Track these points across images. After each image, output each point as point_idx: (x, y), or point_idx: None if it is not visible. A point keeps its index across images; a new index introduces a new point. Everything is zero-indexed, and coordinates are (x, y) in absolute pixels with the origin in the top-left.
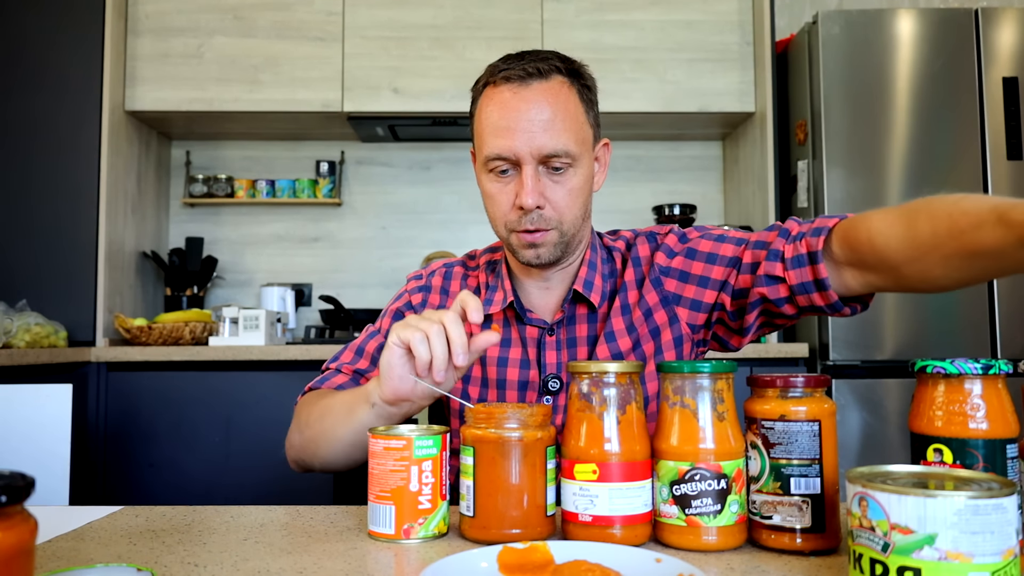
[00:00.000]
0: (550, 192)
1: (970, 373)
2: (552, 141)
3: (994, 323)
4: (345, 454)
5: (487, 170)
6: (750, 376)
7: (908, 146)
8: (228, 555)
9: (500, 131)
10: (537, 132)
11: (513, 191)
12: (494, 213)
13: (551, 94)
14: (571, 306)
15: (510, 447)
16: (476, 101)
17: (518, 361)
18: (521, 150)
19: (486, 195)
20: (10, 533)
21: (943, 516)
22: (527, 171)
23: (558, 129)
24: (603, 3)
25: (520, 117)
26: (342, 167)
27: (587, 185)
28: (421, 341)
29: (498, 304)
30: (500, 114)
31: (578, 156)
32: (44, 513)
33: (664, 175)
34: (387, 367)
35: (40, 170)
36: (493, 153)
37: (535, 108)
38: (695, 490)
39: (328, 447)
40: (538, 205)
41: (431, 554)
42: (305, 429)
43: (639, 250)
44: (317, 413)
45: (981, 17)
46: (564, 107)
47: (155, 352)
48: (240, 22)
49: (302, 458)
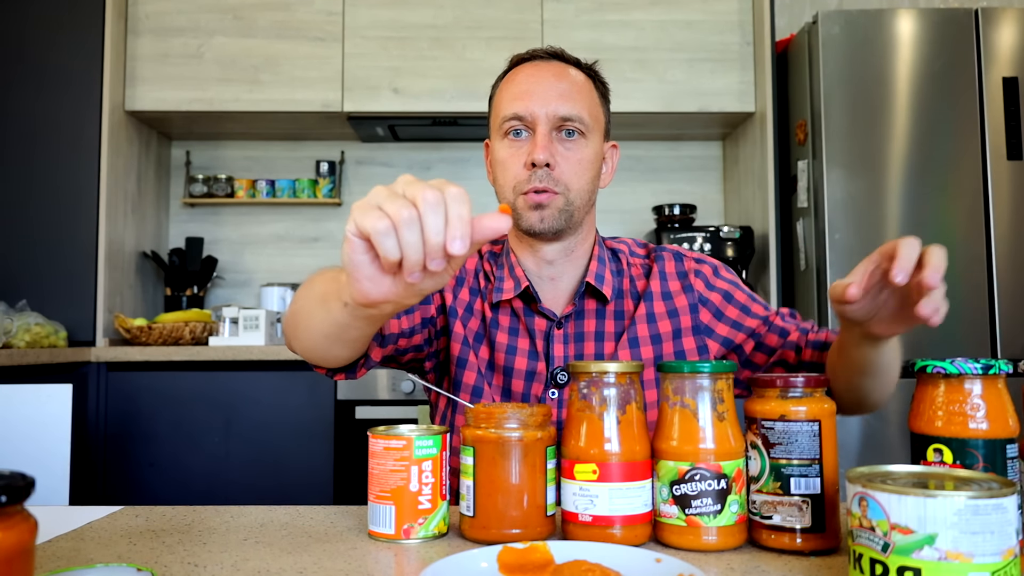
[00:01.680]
0: (560, 157)
1: (970, 373)
2: (566, 106)
3: (994, 323)
4: (321, 347)
5: (502, 134)
6: (750, 376)
7: (908, 146)
8: (228, 555)
9: (519, 95)
10: (553, 97)
11: (525, 152)
12: (504, 177)
13: (570, 75)
14: (581, 300)
15: (510, 447)
16: (496, 87)
17: (526, 351)
18: (537, 111)
19: (498, 162)
20: (10, 533)
21: (943, 516)
22: (541, 131)
23: (575, 99)
24: (603, 3)
25: (540, 83)
26: (342, 167)
27: (596, 162)
28: (385, 233)
29: (509, 292)
30: (520, 81)
31: (590, 128)
32: (44, 513)
33: (664, 175)
34: (350, 265)
35: (40, 170)
36: (510, 113)
37: (555, 78)
38: (695, 490)
39: (305, 333)
40: (548, 163)
41: (431, 554)
42: (292, 307)
43: (666, 265)
44: (304, 290)
45: (981, 17)
46: (581, 88)
47: (155, 352)
48: (240, 22)
49: (286, 335)
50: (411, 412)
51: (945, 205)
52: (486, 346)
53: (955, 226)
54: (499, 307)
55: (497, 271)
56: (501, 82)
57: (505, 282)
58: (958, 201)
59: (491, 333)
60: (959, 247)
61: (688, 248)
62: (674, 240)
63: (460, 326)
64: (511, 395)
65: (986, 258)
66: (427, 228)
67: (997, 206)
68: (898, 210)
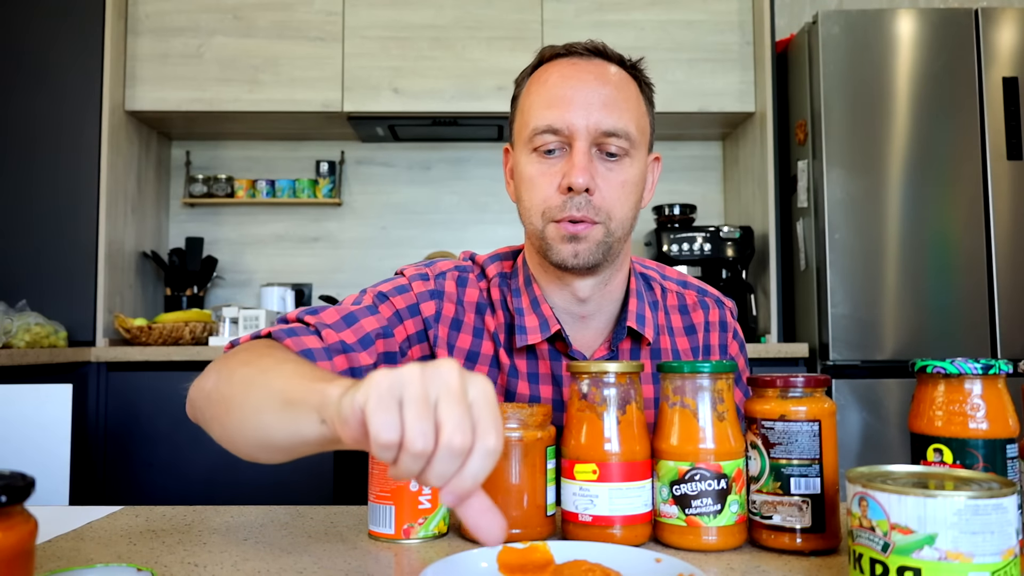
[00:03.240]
0: (601, 179)
1: (970, 373)
2: (611, 117)
3: (994, 323)
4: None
5: (530, 149)
6: (750, 376)
7: (908, 146)
8: (228, 555)
9: (554, 101)
10: (595, 106)
11: (560, 172)
12: (531, 200)
13: (614, 75)
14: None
15: (510, 447)
16: (522, 85)
17: (551, 401)
18: (576, 123)
19: (524, 180)
20: (10, 533)
21: (943, 516)
22: (579, 147)
23: (620, 108)
24: (603, 3)
25: (580, 87)
26: (342, 167)
27: (640, 184)
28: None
29: (536, 333)
30: (555, 84)
31: (636, 144)
32: (44, 513)
33: (664, 175)
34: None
35: (40, 170)
36: (543, 125)
37: (596, 82)
38: (695, 490)
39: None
40: (587, 188)
41: (431, 554)
42: (223, 384)
43: (711, 314)
44: (244, 373)
45: (981, 17)
46: (627, 91)
47: (155, 352)
48: (240, 22)
49: (202, 415)
50: None
51: (945, 205)
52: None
53: (955, 226)
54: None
55: (514, 301)
56: (529, 80)
57: (527, 318)
58: (958, 201)
59: (509, 383)
60: (959, 247)
61: (688, 249)
62: (674, 240)
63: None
64: None
65: (986, 258)
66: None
67: (997, 206)
68: (898, 210)
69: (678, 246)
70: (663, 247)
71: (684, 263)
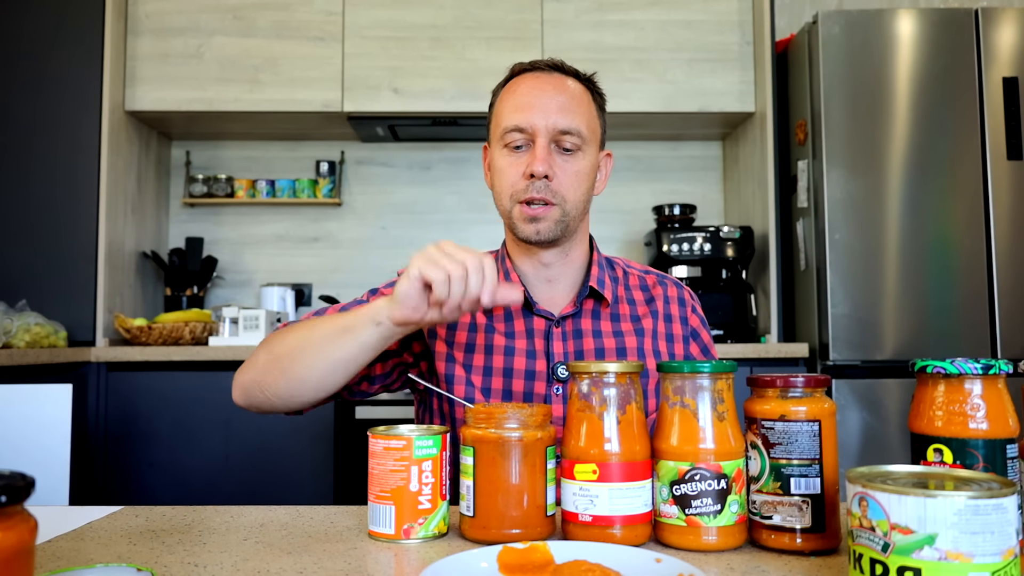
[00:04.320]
0: (559, 168)
1: (970, 373)
2: (565, 119)
3: (994, 323)
4: (325, 375)
5: (502, 145)
6: (750, 376)
7: (908, 146)
8: (228, 555)
9: (520, 107)
10: (553, 110)
11: (524, 162)
12: (502, 186)
13: (570, 87)
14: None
15: (510, 447)
16: (497, 94)
17: (524, 351)
18: (538, 123)
19: (497, 169)
20: (10, 533)
21: (943, 516)
22: (540, 143)
23: (573, 112)
24: (603, 3)
25: (541, 95)
26: (342, 167)
27: (592, 174)
28: (443, 283)
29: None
30: (522, 92)
31: (587, 141)
32: (44, 513)
33: (664, 175)
34: (404, 296)
35: (40, 170)
36: (511, 124)
37: (555, 91)
38: (695, 490)
39: (307, 365)
40: (546, 175)
41: (431, 554)
42: (277, 347)
43: (670, 290)
44: (298, 333)
45: (981, 17)
46: (580, 101)
47: (155, 352)
48: (240, 22)
49: (264, 381)
50: (411, 412)
51: (945, 205)
52: (481, 353)
53: (955, 226)
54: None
55: None
56: (502, 91)
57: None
58: (958, 201)
59: (487, 338)
60: (959, 247)
61: (688, 249)
62: (674, 240)
63: (442, 344)
64: (512, 395)
65: (986, 258)
66: (471, 284)
67: (997, 206)
68: (898, 210)
69: (678, 246)
70: (663, 247)
71: (684, 263)
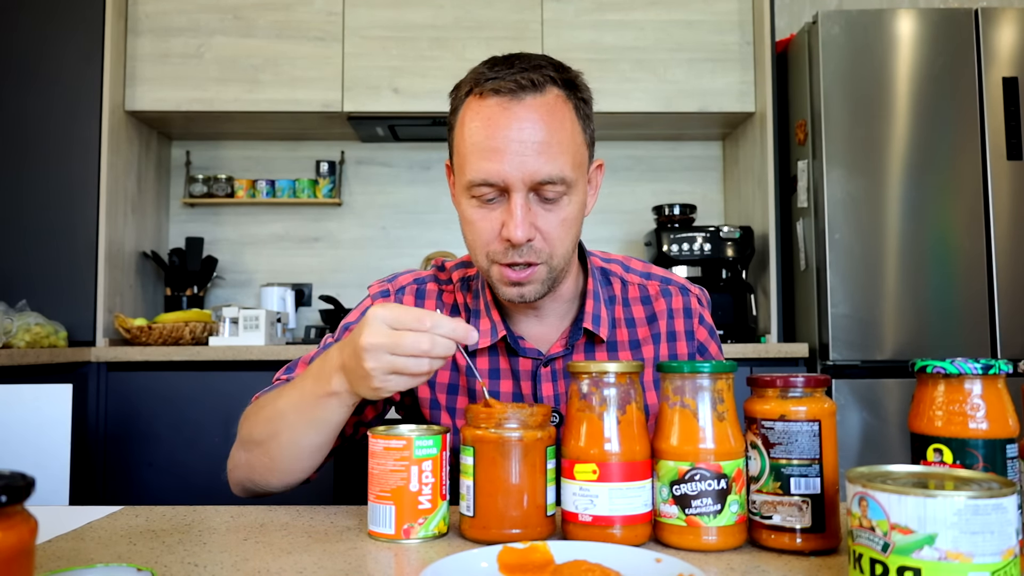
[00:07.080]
0: (541, 222)
1: (970, 373)
2: (547, 166)
3: (994, 323)
4: (309, 457)
5: (469, 195)
6: (750, 376)
7: (908, 146)
8: (228, 555)
9: (487, 152)
10: (530, 156)
11: (499, 219)
12: (474, 242)
13: (546, 111)
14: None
15: (510, 447)
16: (457, 111)
17: (510, 395)
18: (511, 175)
19: (465, 220)
20: (10, 533)
21: (943, 516)
22: (516, 200)
23: (554, 152)
24: (603, 3)
25: (510, 137)
26: (342, 167)
27: (581, 214)
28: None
29: (487, 336)
30: (487, 132)
31: (574, 183)
32: (44, 513)
33: (664, 175)
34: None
35: (40, 170)
36: (479, 178)
37: (528, 127)
38: (695, 490)
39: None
40: (528, 238)
41: (431, 554)
42: (252, 445)
43: (675, 301)
44: (270, 425)
45: (981, 17)
46: (560, 126)
47: (155, 352)
48: (240, 22)
49: (252, 479)
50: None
51: (945, 205)
52: (464, 395)
53: (955, 226)
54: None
55: (472, 302)
56: (463, 109)
57: (481, 321)
58: (958, 201)
59: (470, 381)
60: (959, 247)
61: (688, 249)
62: (674, 240)
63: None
64: None
65: (986, 258)
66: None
67: (997, 206)
68: (898, 210)
69: (678, 246)
70: (663, 247)
71: (684, 263)
